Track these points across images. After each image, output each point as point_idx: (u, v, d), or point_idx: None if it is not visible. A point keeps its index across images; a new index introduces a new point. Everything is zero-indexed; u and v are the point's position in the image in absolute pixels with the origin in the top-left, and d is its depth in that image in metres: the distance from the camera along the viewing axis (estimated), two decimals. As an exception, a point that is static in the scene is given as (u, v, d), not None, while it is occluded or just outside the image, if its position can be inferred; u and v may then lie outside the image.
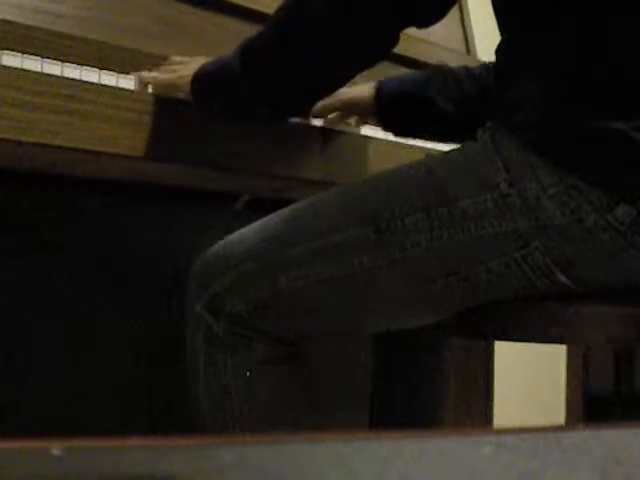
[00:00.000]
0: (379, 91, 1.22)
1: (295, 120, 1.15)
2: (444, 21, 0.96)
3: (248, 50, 0.96)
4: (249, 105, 1.00)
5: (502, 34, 0.96)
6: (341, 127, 1.25)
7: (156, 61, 1.07)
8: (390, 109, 1.22)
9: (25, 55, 0.93)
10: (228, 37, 1.31)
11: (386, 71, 1.28)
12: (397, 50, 0.97)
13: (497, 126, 0.92)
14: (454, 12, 1.64)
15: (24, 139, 0.90)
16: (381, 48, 0.95)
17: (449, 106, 1.18)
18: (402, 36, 0.94)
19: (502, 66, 0.97)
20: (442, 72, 1.21)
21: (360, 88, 1.23)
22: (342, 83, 1.00)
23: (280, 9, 0.95)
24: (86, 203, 1.28)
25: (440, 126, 1.22)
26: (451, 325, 1.01)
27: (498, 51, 0.98)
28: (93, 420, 1.26)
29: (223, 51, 1.03)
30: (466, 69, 1.22)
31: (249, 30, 1.34)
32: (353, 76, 0.98)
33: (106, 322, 1.30)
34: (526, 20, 0.92)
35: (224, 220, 1.38)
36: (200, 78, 1.01)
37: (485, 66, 1.23)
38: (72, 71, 0.96)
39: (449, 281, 0.92)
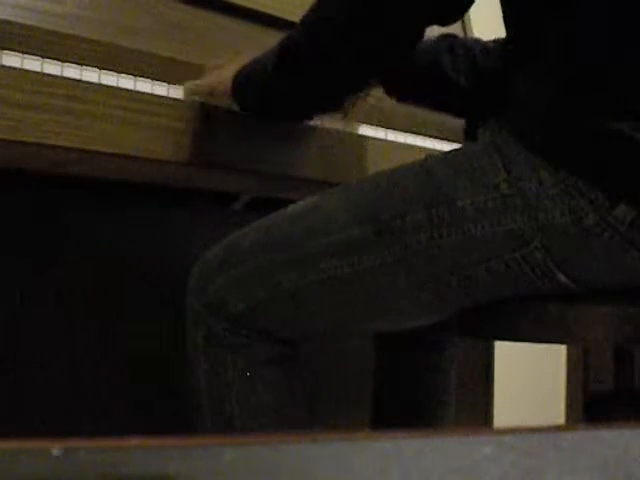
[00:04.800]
0: None
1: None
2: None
3: (283, 49, 0.98)
4: (285, 103, 1.04)
5: (507, 32, 0.96)
6: (340, 127, 1.25)
7: (156, 61, 1.07)
8: (394, 75, 1.20)
9: (25, 55, 0.93)
10: (228, 37, 1.32)
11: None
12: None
13: (498, 126, 0.92)
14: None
15: (24, 139, 0.90)
16: (406, 45, 0.96)
17: (457, 75, 1.17)
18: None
19: (503, 65, 0.97)
20: (450, 41, 1.20)
21: None
22: (369, 80, 1.02)
23: (309, 9, 0.97)
24: (85, 203, 1.28)
25: (449, 95, 1.21)
26: (451, 325, 1.01)
27: (501, 49, 0.98)
28: (93, 420, 1.26)
29: (223, 51, 1.04)
30: (477, 41, 1.21)
31: (249, 30, 1.35)
32: (378, 73, 1.01)
33: (105, 322, 1.30)
34: (529, 20, 0.92)
35: (224, 220, 1.38)
36: (239, 80, 1.04)
37: (487, 42, 1.22)
38: (72, 71, 0.96)
39: (449, 281, 0.92)
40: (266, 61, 1.01)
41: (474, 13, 1.73)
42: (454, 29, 1.61)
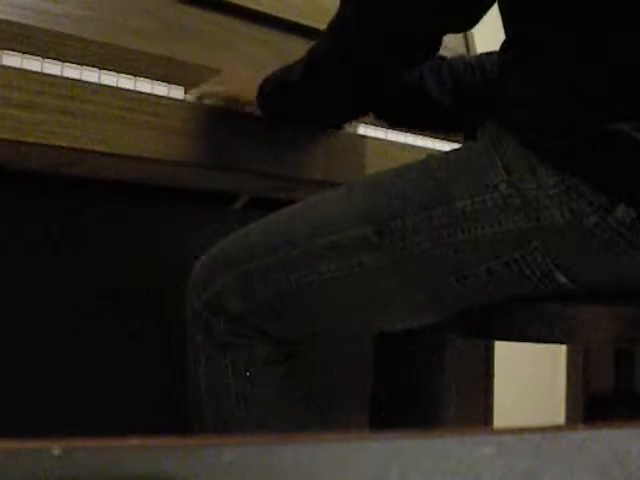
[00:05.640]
0: None
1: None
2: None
3: (309, 58, 1.00)
4: (311, 111, 1.06)
5: (506, 33, 0.96)
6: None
7: (156, 61, 1.07)
8: (382, 100, 1.21)
9: (25, 55, 0.93)
10: (228, 37, 1.32)
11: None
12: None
13: (497, 126, 0.92)
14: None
15: (24, 139, 0.90)
16: (426, 52, 0.96)
17: (445, 97, 1.18)
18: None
19: (504, 65, 0.97)
20: (437, 62, 1.20)
21: None
22: (387, 85, 1.02)
23: (334, 17, 0.97)
24: (86, 203, 1.28)
25: (435, 117, 1.22)
26: (451, 325, 1.01)
27: (501, 50, 0.98)
28: (93, 420, 1.26)
29: (223, 51, 1.04)
30: (463, 58, 1.21)
31: (249, 30, 1.35)
32: (398, 79, 1.02)
33: (105, 321, 1.29)
34: (529, 20, 0.92)
35: (224, 220, 1.38)
36: (266, 87, 1.06)
37: (481, 55, 1.22)
38: (72, 71, 0.96)
39: (449, 281, 0.92)
40: (295, 68, 1.02)
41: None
42: (454, 36, 1.62)
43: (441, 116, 1.20)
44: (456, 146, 1.00)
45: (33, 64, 0.93)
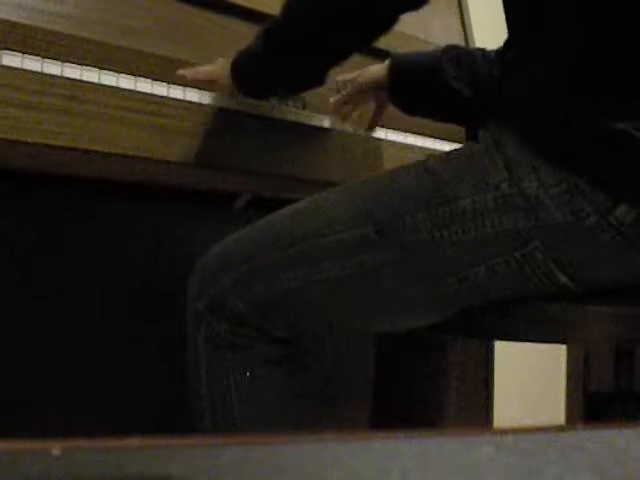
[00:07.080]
0: (391, 67, 1.21)
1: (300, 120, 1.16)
2: (444, 20, 0.97)
3: (269, 30, 1.03)
4: (274, 80, 1.09)
5: (509, 33, 0.96)
6: (344, 128, 1.25)
7: (156, 61, 1.07)
8: (400, 86, 1.20)
9: (25, 55, 0.93)
10: (228, 37, 1.32)
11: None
12: (397, 49, 0.98)
13: (499, 126, 0.92)
14: (454, 11, 1.64)
15: (24, 139, 0.90)
16: (383, 25, 1.00)
17: (460, 85, 1.17)
18: (401, 35, 0.94)
19: (506, 64, 0.97)
20: (456, 52, 1.19)
21: (375, 67, 1.22)
22: (346, 56, 1.04)
23: None
24: (86, 203, 1.28)
25: (450, 106, 1.21)
26: (451, 325, 1.01)
27: (503, 49, 0.98)
28: (93, 420, 1.26)
29: (223, 51, 1.04)
30: (483, 51, 1.21)
31: (249, 30, 1.35)
32: (357, 49, 1.05)
33: (105, 321, 1.29)
34: (530, 20, 0.92)
35: (224, 220, 1.38)
36: (235, 66, 1.09)
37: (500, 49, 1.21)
38: (72, 71, 0.96)
39: (450, 281, 0.92)
40: (255, 42, 1.04)
41: (474, 18, 1.74)
42: (454, 36, 1.62)
43: (460, 106, 1.19)
44: (456, 146, 1.00)
45: (33, 64, 0.93)
